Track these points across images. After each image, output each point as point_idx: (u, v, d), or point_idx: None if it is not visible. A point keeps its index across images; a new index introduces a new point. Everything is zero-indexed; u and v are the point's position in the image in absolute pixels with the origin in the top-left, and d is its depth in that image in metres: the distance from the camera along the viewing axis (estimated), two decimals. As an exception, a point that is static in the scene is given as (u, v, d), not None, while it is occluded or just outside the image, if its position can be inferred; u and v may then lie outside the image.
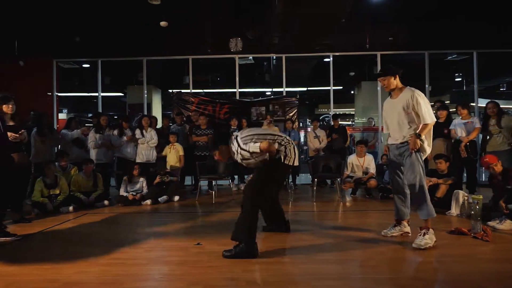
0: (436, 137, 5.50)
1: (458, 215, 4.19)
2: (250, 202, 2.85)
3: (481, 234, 3.20)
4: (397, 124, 3.14)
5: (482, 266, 2.58)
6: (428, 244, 2.91)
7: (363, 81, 10.27)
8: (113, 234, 3.65)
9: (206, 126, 6.41)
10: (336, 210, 4.85)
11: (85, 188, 5.19)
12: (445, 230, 3.55)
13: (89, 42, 7.56)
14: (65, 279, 2.41)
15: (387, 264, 2.63)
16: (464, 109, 5.24)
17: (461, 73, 12.70)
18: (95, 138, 5.72)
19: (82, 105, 14.72)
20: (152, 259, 2.84)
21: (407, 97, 3.07)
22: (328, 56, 8.17)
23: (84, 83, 11.20)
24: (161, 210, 5.01)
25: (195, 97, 7.70)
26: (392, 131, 3.25)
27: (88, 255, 2.91)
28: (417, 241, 2.94)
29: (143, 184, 5.45)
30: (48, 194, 4.79)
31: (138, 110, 8.58)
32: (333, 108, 8.50)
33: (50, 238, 3.60)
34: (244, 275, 2.45)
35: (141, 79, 8.36)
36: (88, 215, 4.62)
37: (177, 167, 6.08)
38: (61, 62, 8.45)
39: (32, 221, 4.20)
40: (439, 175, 4.60)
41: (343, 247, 3.12)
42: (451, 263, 2.65)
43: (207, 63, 9.93)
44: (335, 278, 2.38)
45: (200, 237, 3.38)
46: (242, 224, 2.83)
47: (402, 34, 7.49)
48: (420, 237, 2.95)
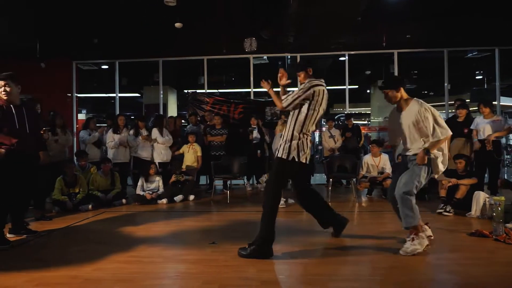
0: (455, 136, 5.37)
1: (478, 216, 4.07)
2: (265, 203, 2.85)
3: (503, 237, 3.10)
4: (409, 138, 2.96)
5: (502, 270, 2.50)
6: (417, 250, 2.75)
7: (379, 80, 10.10)
8: (130, 232, 3.72)
9: (221, 126, 6.45)
10: (351, 211, 4.79)
11: (103, 187, 5.31)
12: (465, 232, 3.45)
13: (107, 44, 7.72)
14: (85, 276, 2.47)
15: (404, 266, 2.58)
16: (486, 107, 5.06)
17: (482, 71, 12.32)
18: (113, 138, 5.84)
19: (100, 106, 15.06)
20: (167, 258, 2.88)
21: (415, 112, 2.88)
22: (343, 55, 8.08)
23: (102, 84, 11.47)
24: (176, 209, 5.07)
25: (210, 97, 7.75)
26: (404, 143, 3.08)
27: (106, 252, 2.98)
28: (404, 247, 2.78)
29: (159, 183, 5.53)
30: (68, 192, 4.92)
31: (154, 110, 8.72)
32: (348, 107, 8.40)
33: (69, 235, 3.70)
34: (259, 275, 2.45)
35: (157, 80, 8.49)
36: (106, 213, 4.73)
37: (193, 167, 6.13)
38: (80, 64, 8.67)
39: (53, 219, 4.33)
40: (459, 175, 4.47)
41: (359, 248, 3.08)
42: (470, 265, 2.58)
43: (222, 63, 9.99)
44: (351, 280, 2.36)
45: (215, 236, 3.41)
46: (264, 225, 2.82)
47: (420, 31, 7.31)
48: (408, 243, 2.79)
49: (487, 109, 5.04)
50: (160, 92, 8.44)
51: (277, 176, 2.91)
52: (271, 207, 2.84)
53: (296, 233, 3.51)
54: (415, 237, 2.80)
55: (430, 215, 4.31)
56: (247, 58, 8.05)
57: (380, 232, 3.62)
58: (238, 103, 7.67)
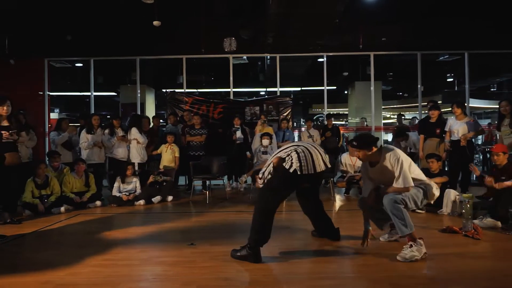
0: (428, 136, 5.56)
1: (449, 213, 4.24)
2: (257, 209, 2.80)
3: (472, 233, 3.24)
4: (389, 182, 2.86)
5: (473, 264, 2.61)
6: (415, 257, 2.65)
7: (356, 81, 10.34)
8: (105, 234, 3.62)
9: (200, 126, 6.40)
10: (330, 210, 4.87)
11: (77, 188, 5.14)
12: (437, 228, 3.59)
13: (81, 41, 7.49)
14: (57, 281, 2.38)
15: (381, 263, 2.65)
16: (458, 108, 5.25)
17: (453, 74, 12.85)
18: (87, 138, 5.66)
19: (74, 105, 14.58)
20: (145, 260, 2.82)
21: (389, 163, 2.79)
22: (322, 56, 8.20)
23: (77, 82, 11.10)
24: (154, 210, 4.98)
25: (189, 96, 7.67)
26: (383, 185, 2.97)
27: (80, 256, 2.88)
28: (402, 253, 2.68)
29: (136, 184, 5.41)
30: (39, 194, 4.73)
31: (131, 109, 8.53)
32: (327, 108, 8.54)
33: (41, 239, 3.56)
34: (238, 276, 2.44)
35: (134, 79, 8.31)
36: (80, 215, 4.58)
37: (171, 167, 6.05)
38: (53, 61, 8.35)
39: (23, 222, 4.14)
40: (431, 174, 4.64)
41: (337, 246, 3.13)
42: (443, 261, 2.68)
43: (201, 63, 9.92)
44: (330, 278, 2.39)
45: (194, 237, 3.37)
46: (252, 228, 2.76)
47: (395, 34, 7.56)
48: (407, 249, 2.68)
49: (459, 110, 5.24)
50: (137, 91, 8.26)
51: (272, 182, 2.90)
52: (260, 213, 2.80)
53: (275, 233, 3.52)
54: (413, 244, 2.69)
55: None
56: (227, 58, 8.02)
57: (357, 230, 3.69)
58: (217, 103, 7.63)
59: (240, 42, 7.35)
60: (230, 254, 2.78)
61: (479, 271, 2.47)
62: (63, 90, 12.60)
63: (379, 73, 8.82)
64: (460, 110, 5.22)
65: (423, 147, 5.59)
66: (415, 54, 7.99)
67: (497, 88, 14.29)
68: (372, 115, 8.34)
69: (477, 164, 11.15)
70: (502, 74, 12.10)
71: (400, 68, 10.96)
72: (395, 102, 16.17)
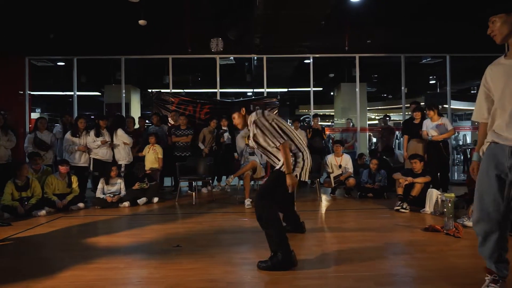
0: (412, 137, 5.69)
1: (432, 213, 4.34)
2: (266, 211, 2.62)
3: (453, 231, 3.32)
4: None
5: (454, 262, 2.68)
6: None
7: (342, 82, 10.46)
8: (89, 237, 3.54)
9: (186, 126, 6.35)
10: (316, 210, 4.91)
11: (60, 190, 5.01)
12: (419, 227, 3.66)
13: (64, 39, 7.31)
14: (38, 286, 2.32)
15: (365, 262, 2.68)
16: (430, 110, 5.39)
17: (435, 76, 13.17)
18: (72, 141, 5.54)
19: (56, 105, 14.24)
20: (129, 263, 2.78)
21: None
22: (308, 58, 8.26)
23: (59, 81, 10.84)
24: (139, 212, 4.90)
25: (175, 97, 7.60)
26: (508, 120, 1.84)
27: (62, 260, 2.81)
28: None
29: (121, 186, 5.32)
30: (20, 197, 4.60)
31: (116, 110, 8.38)
32: (313, 109, 8.61)
33: (21, 243, 3.45)
34: (224, 277, 2.44)
35: (119, 78, 8.18)
36: (62, 218, 4.47)
37: (155, 168, 5.98)
38: (34, 60, 8.13)
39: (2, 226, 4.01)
40: (414, 174, 4.74)
41: (323, 246, 3.16)
42: (426, 259, 2.74)
43: (188, 63, 9.83)
44: (315, 277, 2.41)
45: (179, 239, 3.34)
46: (271, 234, 2.60)
47: (380, 37, 7.70)
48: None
49: (431, 112, 5.38)
50: (122, 91, 8.13)
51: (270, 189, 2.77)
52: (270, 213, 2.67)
53: (261, 234, 3.53)
54: None
55: (388, 212, 4.53)
56: (214, 58, 7.99)
57: (342, 229, 3.75)
58: (204, 103, 7.59)
59: (227, 42, 7.34)
60: (257, 266, 2.56)
61: (460, 268, 2.53)
62: (45, 89, 12.28)
63: (364, 75, 8.97)
64: (432, 112, 5.37)
65: (407, 148, 5.72)
66: (399, 57, 8.16)
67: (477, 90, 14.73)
68: (358, 116, 8.46)
69: (457, 164, 11.48)
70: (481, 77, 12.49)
71: (384, 70, 11.17)
72: (380, 103, 16.44)
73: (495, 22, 1.87)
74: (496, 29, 1.87)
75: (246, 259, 2.83)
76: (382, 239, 3.30)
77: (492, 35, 1.90)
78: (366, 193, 5.61)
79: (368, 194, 5.59)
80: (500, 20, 1.85)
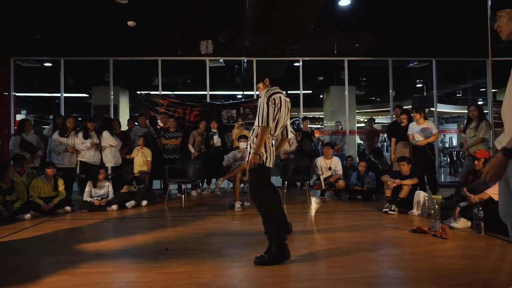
0: (399, 140, 5.78)
1: (419, 214, 4.41)
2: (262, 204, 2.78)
3: (440, 232, 3.38)
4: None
5: (441, 263, 2.73)
6: None
7: (331, 85, 10.56)
8: (76, 241, 3.48)
9: (175, 128, 6.31)
10: (305, 212, 4.93)
11: (46, 193, 4.91)
12: (407, 229, 3.71)
13: (51, 40, 7.19)
14: (21, 291, 2.26)
15: (354, 264, 2.71)
16: (417, 113, 5.48)
17: (422, 80, 13.41)
18: (59, 142, 5.43)
19: (42, 106, 13.96)
20: (117, 267, 2.73)
21: None
22: (298, 61, 8.32)
23: (45, 83, 10.64)
24: (128, 216, 4.84)
25: (165, 99, 7.55)
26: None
27: (48, 265, 2.75)
28: None
29: (109, 189, 5.24)
30: (4, 200, 4.48)
31: (104, 111, 8.27)
32: (302, 111, 8.66)
33: (5, 248, 3.36)
34: (214, 280, 2.42)
35: (107, 80, 8.07)
36: (48, 222, 4.38)
37: (143, 170, 5.92)
38: (19, 61, 7.97)
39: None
40: (402, 176, 4.81)
41: (312, 248, 3.17)
42: (413, 260, 2.78)
43: (177, 65, 9.78)
44: (305, 280, 2.42)
45: (168, 242, 3.31)
46: (267, 228, 2.75)
47: (368, 41, 7.82)
48: None
49: (417, 115, 5.48)
50: (110, 92, 8.03)
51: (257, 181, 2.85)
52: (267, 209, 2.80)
53: (252, 236, 3.53)
54: None
55: (377, 214, 4.58)
56: (203, 61, 7.97)
57: (331, 231, 3.77)
58: (194, 105, 7.56)
59: (217, 45, 7.34)
60: (254, 262, 2.68)
61: (447, 269, 2.58)
62: (30, 90, 12.03)
63: (353, 78, 9.07)
64: (419, 115, 5.46)
65: (394, 150, 5.80)
66: (387, 60, 8.29)
67: (462, 93, 15.04)
68: (347, 118, 8.54)
69: (444, 166, 11.70)
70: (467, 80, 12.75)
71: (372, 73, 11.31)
72: (368, 106, 16.65)
73: (501, 17, 1.78)
74: (502, 24, 1.79)
75: (236, 262, 2.82)
76: (370, 241, 3.33)
77: (498, 30, 1.82)
78: (355, 195, 5.67)
79: (357, 196, 5.65)
80: (507, 15, 1.76)
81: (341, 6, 6.53)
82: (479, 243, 3.28)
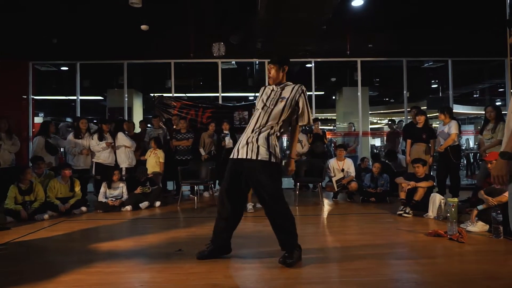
0: (415, 141, 5.66)
1: (435, 217, 4.31)
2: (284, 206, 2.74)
3: (456, 236, 3.29)
4: None
5: (458, 267, 2.66)
6: None
7: (344, 86, 10.47)
8: (91, 241, 3.54)
9: (186, 130, 6.36)
10: (318, 214, 4.89)
11: (63, 194, 5.02)
12: (423, 232, 3.64)
13: (67, 44, 7.38)
14: (39, 290, 2.32)
15: (367, 267, 2.67)
16: (441, 113, 5.38)
17: (437, 80, 13.16)
18: (74, 143, 5.55)
19: (59, 109, 14.32)
20: (131, 267, 2.77)
21: None
22: (310, 62, 8.28)
23: (62, 86, 10.91)
24: (141, 216, 4.90)
25: (177, 101, 7.63)
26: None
27: (64, 264, 2.81)
28: None
29: (123, 190, 5.33)
30: (23, 201, 4.61)
31: (119, 114, 8.42)
32: (315, 113, 8.62)
33: (24, 247, 3.45)
34: (226, 281, 2.42)
35: (121, 83, 8.22)
36: (65, 222, 4.47)
37: (157, 172, 5.99)
38: (37, 65, 8.20)
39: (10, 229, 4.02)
40: (417, 178, 4.72)
41: (325, 250, 3.14)
42: (429, 264, 2.72)
43: (190, 67, 9.89)
44: (317, 282, 2.40)
45: (181, 243, 3.33)
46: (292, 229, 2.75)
47: (381, 41, 7.71)
48: None
49: (441, 115, 5.37)
50: (124, 95, 8.17)
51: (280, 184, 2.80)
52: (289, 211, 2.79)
53: (264, 238, 3.52)
54: None
55: (391, 216, 4.51)
56: (216, 63, 8.02)
57: (345, 234, 3.73)
58: (206, 107, 7.62)
59: (228, 47, 7.38)
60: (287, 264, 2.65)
61: (464, 274, 2.51)
62: (48, 94, 12.36)
63: (366, 79, 8.97)
64: (443, 115, 5.35)
65: (410, 152, 5.69)
66: (401, 61, 8.17)
67: (479, 94, 14.70)
68: (360, 120, 8.45)
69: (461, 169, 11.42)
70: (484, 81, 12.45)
71: (386, 74, 11.17)
72: (382, 107, 16.44)
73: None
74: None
75: (248, 263, 2.82)
76: (384, 244, 3.28)
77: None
78: (369, 198, 5.59)
79: (371, 199, 5.57)
80: None
81: (354, 6, 6.47)
82: (498, 247, 3.18)
